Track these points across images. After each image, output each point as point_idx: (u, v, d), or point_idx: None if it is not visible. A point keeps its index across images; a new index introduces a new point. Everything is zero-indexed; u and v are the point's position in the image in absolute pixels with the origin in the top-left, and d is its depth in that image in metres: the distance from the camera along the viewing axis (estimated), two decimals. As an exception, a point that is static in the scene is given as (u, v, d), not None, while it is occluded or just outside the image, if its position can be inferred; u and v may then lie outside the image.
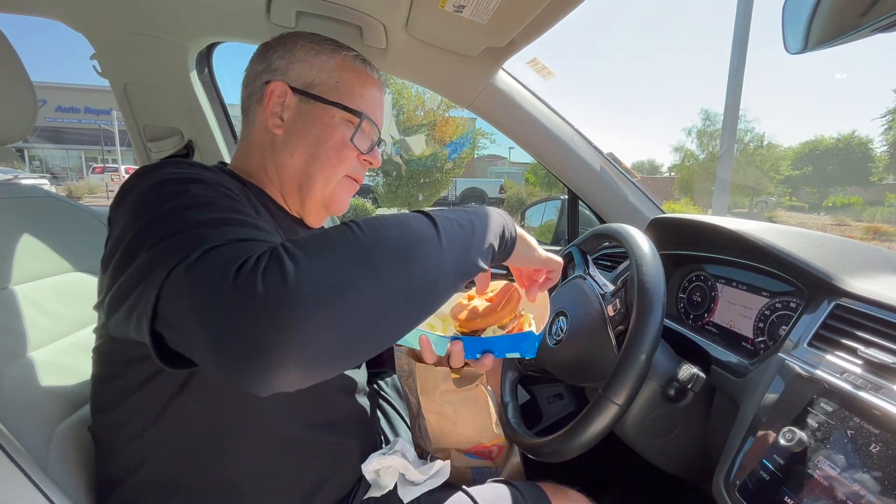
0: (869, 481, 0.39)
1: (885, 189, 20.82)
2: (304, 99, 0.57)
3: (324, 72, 0.58)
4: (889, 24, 0.38)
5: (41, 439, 0.54)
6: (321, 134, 0.57)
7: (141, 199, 0.40)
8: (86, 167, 21.69)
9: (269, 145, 0.58)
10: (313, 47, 0.58)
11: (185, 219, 0.36)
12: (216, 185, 0.42)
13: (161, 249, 0.35)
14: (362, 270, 0.32)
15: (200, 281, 0.31)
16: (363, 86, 0.60)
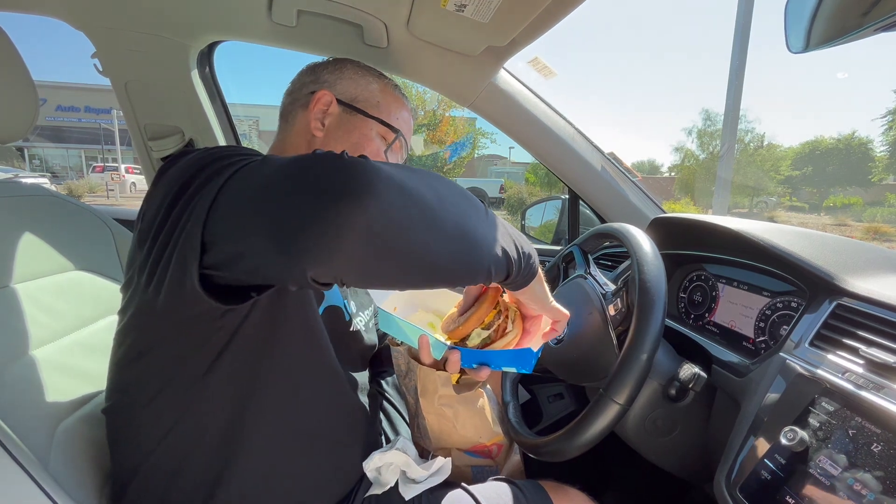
0: (870, 481, 0.39)
1: (885, 189, 20.82)
2: (348, 110, 0.62)
3: (368, 91, 0.64)
4: (891, 23, 0.38)
5: (43, 437, 0.54)
6: (359, 142, 0.62)
7: (174, 174, 0.41)
8: (86, 166, 21.67)
9: (305, 146, 0.62)
10: (360, 70, 0.66)
11: (229, 157, 0.38)
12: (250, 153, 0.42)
13: (207, 176, 0.37)
14: (432, 194, 0.36)
15: (278, 166, 0.34)
16: (400, 110, 0.67)
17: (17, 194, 0.66)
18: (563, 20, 0.74)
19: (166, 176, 0.42)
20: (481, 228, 0.39)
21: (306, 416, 0.54)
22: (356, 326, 0.65)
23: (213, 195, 0.36)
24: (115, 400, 0.53)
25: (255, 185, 0.36)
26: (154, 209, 0.41)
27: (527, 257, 0.45)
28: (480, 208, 0.41)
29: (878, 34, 0.41)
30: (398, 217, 0.33)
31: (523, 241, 0.46)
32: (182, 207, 0.38)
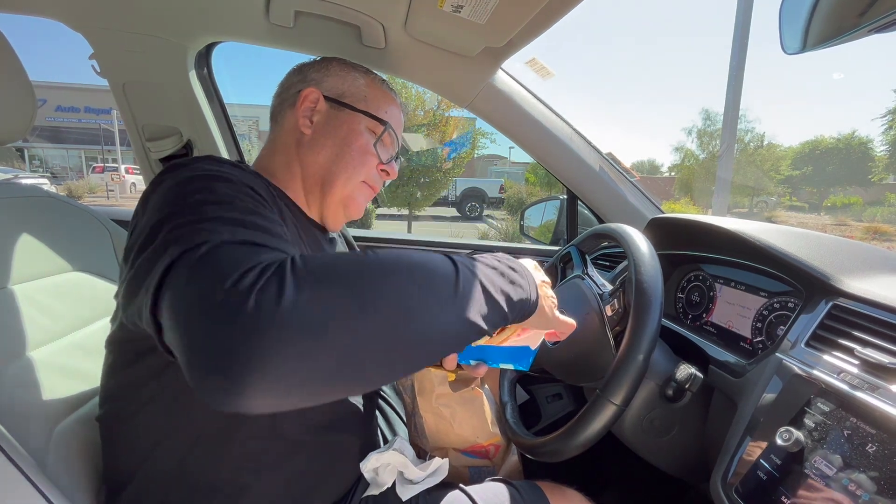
0: (865, 481, 0.40)
1: (885, 189, 20.82)
2: (335, 106, 0.62)
3: (355, 86, 0.64)
4: (887, 23, 0.38)
5: (40, 439, 0.54)
6: (347, 137, 0.61)
7: (168, 192, 0.41)
8: (86, 167, 21.68)
9: (295, 144, 0.62)
10: (347, 66, 0.66)
11: (204, 211, 0.36)
12: (243, 185, 0.43)
13: (174, 237, 0.35)
14: (359, 316, 0.31)
15: (198, 278, 0.31)
16: (388, 104, 0.66)
17: (15, 195, 0.66)
18: (561, 21, 0.74)
19: (151, 201, 0.42)
20: (438, 322, 0.34)
21: (301, 419, 0.54)
22: None
23: (160, 274, 0.33)
24: (108, 408, 0.53)
25: (193, 291, 0.31)
26: (137, 232, 0.41)
27: (521, 304, 0.43)
28: (440, 289, 0.35)
29: (874, 34, 0.41)
30: (318, 365, 0.29)
31: (519, 281, 0.43)
32: (147, 259, 0.36)
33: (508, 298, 0.41)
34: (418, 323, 0.33)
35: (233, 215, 0.37)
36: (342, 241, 0.77)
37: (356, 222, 2.67)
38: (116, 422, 0.52)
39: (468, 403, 0.74)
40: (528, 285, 0.45)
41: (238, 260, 0.31)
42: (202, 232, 0.34)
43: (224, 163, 0.47)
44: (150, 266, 0.35)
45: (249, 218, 0.38)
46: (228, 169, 0.45)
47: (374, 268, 0.34)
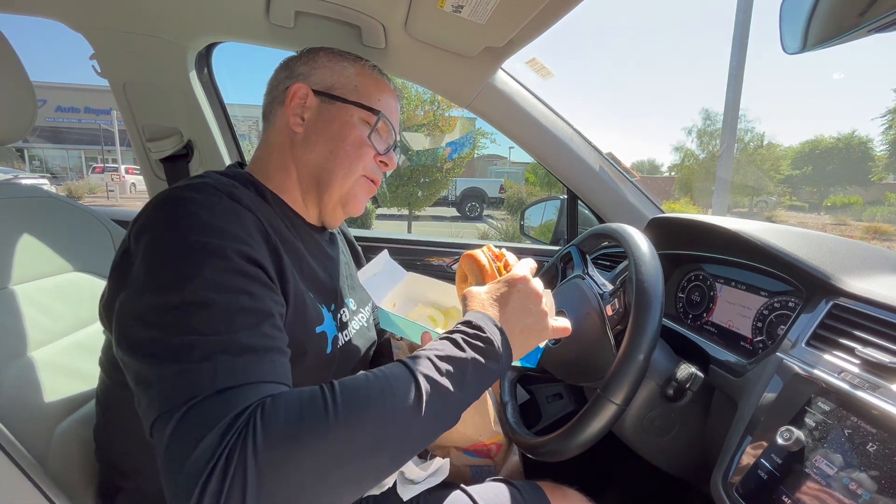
0: (866, 480, 0.40)
1: (885, 188, 20.81)
2: (325, 100, 0.60)
3: (344, 77, 0.61)
4: (887, 23, 0.38)
5: (41, 439, 0.54)
6: (341, 131, 0.59)
7: (155, 261, 0.41)
8: (86, 167, 21.68)
9: (288, 144, 0.60)
10: (335, 56, 0.63)
11: (189, 343, 0.37)
12: (233, 250, 0.42)
13: (156, 376, 0.37)
14: (330, 473, 0.34)
15: (172, 455, 0.34)
16: (381, 92, 0.63)
17: (16, 196, 0.67)
18: (562, 20, 0.74)
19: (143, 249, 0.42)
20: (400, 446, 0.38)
21: None
22: (349, 336, 0.63)
23: (149, 420, 0.37)
24: (102, 421, 0.54)
25: (169, 460, 0.35)
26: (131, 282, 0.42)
27: (493, 374, 0.45)
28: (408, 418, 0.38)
29: (874, 34, 0.41)
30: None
31: (490, 372, 0.44)
32: (137, 373, 0.39)
33: (480, 382, 0.44)
34: (388, 455, 0.37)
35: (218, 338, 0.38)
36: (342, 239, 0.75)
37: (357, 222, 2.68)
38: (108, 437, 0.53)
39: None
40: (498, 349, 0.45)
41: (206, 427, 0.33)
42: (182, 383, 0.36)
43: (210, 200, 0.44)
44: (142, 388, 0.38)
45: (235, 337, 0.38)
46: (219, 220, 0.43)
47: (341, 427, 0.35)
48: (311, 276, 0.58)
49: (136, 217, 0.45)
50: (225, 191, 0.47)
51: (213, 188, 0.46)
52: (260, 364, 0.38)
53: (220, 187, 0.47)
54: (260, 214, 0.49)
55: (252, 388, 0.36)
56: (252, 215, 0.47)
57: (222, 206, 0.45)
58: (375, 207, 9.18)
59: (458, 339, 0.44)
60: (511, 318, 0.48)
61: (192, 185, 0.46)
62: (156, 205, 0.44)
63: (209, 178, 0.49)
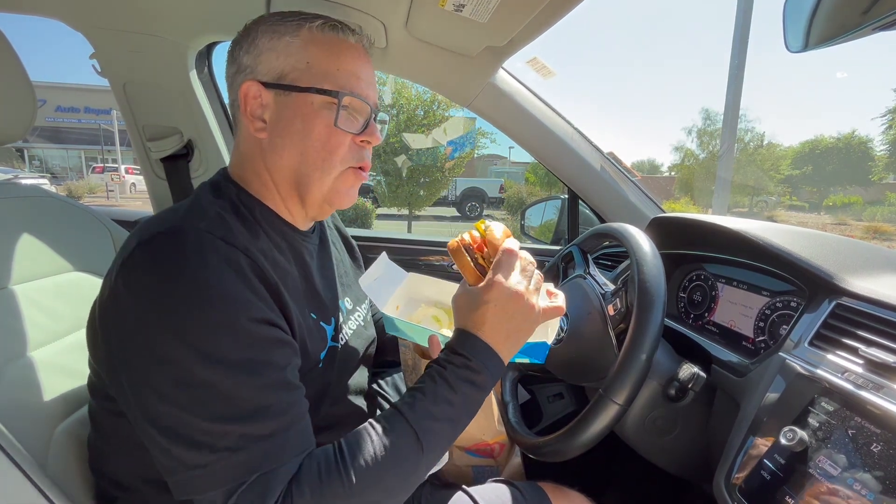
0: (870, 481, 0.39)
1: (885, 188, 20.81)
2: (280, 92, 0.51)
3: (292, 55, 0.51)
4: (890, 22, 0.38)
5: (41, 439, 0.54)
6: (305, 127, 0.51)
7: (161, 327, 0.40)
8: (86, 167, 21.69)
9: (258, 151, 0.53)
10: (275, 30, 0.52)
11: (216, 423, 0.39)
12: (242, 306, 0.42)
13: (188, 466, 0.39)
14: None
15: None
16: (338, 57, 0.52)
17: (16, 195, 0.66)
18: (563, 19, 0.74)
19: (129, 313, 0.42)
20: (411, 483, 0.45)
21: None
22: (345, 338, 0.62)
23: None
24: (95, 434, 0.54)
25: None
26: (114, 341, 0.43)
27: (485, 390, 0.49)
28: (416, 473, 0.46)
29: (877, 33, 0.41)
30: None
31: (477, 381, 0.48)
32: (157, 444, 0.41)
33: (474, 409, 0.49)
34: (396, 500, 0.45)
35: (245, 431, 0.40)
36: (334, 234, 0.73)
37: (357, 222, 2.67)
38: (98, 449, 0.54)
39: None
40: (487, 375, 0.49)
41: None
42: (215, 474, 0.39)
43: (214, 265, 0.42)
44: (165, 457, 0.41)
45: (262, 423, 0.41)
46: (223, 282, 0.41)
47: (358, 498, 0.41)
48: (312, 294, 0.56)
49: (125, 258, 0.43)
50: (219, 234, 0.44)
51: (208, 236, 0.43)
52: (286, 443, 0.41)
53: (214, 230, 0.44)
54: (255, 250, 0.46)
55: (282, 470, 0.40)
56: (248, 259, 0.45)
57: (220, 261, 0.43)
58: (375, 207, 9.17)
59: (450, 379, 0.47)
60: (495, 330, 0.50)
61: (184, 234, 0.43)
62: (149, 255, 0.42)
63: (201, 218, 0.46)
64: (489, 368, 0.48)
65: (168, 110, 1.09)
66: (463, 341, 0.49)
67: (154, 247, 0.43)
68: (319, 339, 0.55)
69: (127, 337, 0.42)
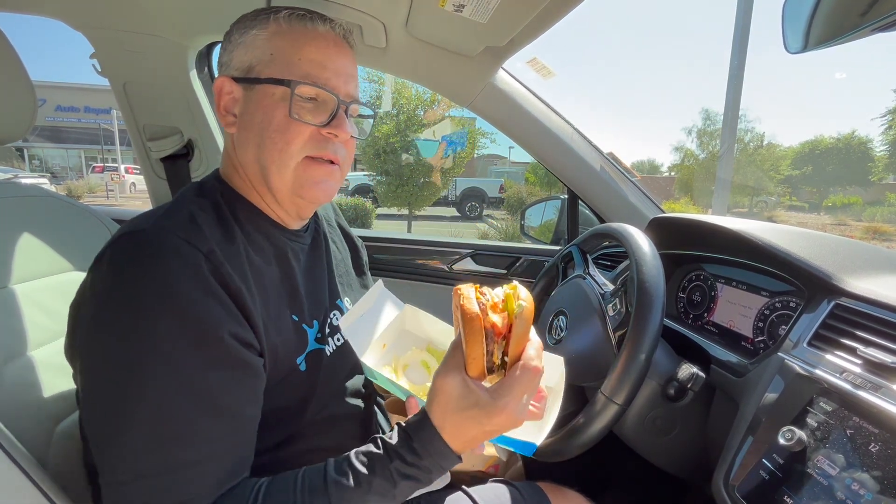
0: (868, 480, 0.40)
1: (884, 189, 20.83)
2: (247, 86, 0.51)
3: (258, 48, 0.50)
4: (889, 23, 0.38)
5: (41, 438, 0.54)
6: (264, 119, 0.50)
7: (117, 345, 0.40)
8: (85, 166, 21.68)
9: (231, 147, 0.54)
10: (246, 24, 0.52)
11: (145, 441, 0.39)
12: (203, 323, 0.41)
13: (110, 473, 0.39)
14: None
15: None
16: (302, 47, 0.50)
17: (16, 195, 0.66)
18: (563, 20, 0.74)
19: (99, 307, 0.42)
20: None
21: (303, 424, 0.54)
22: (340, 341, 0.61)
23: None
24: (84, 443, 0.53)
25: None
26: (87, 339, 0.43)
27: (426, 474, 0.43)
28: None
29: (876, 34, 0.41)
30: None
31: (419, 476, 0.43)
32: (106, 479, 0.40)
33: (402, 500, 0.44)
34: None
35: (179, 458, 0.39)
36: (340, 236, 0.72)
37: (357, 222, 2.66)
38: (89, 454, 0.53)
39: None
40: (437, 470, 0.44)
41: None
42: (133, 490, 0.38)
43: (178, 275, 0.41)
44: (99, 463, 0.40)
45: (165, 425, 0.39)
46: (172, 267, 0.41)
47: None
48: (293, 295, 0.55)
49: (97, 256, 0.44)
50: (182, 234, 0.43)
51: (171, 237, 0.43)
52: (213, 473, 0.41)
53: (178, 230, 0.44)
54: (220, 252, 0.45)
55: (203, 500, 0.39)
56: (209, 262, 0.43)
57: (179, 264, 0.42)
58: (375, 207, 9.17)
59: (394, 474, 0.42)
60: (468, 441, 0.43)
61: (145, 235, 0.43)
62: (112, 254, 0.43)
63: (170, 217, 0.46)
64: (440, 468, 0.43)
65: (168, 110, 1.09)
66: (428, 440, 0.43)
67: (117, 247, 0.43)
68: (298, 341, 0.53)
69: (84, 333, 0.42)
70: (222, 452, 0.41)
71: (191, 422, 0.40)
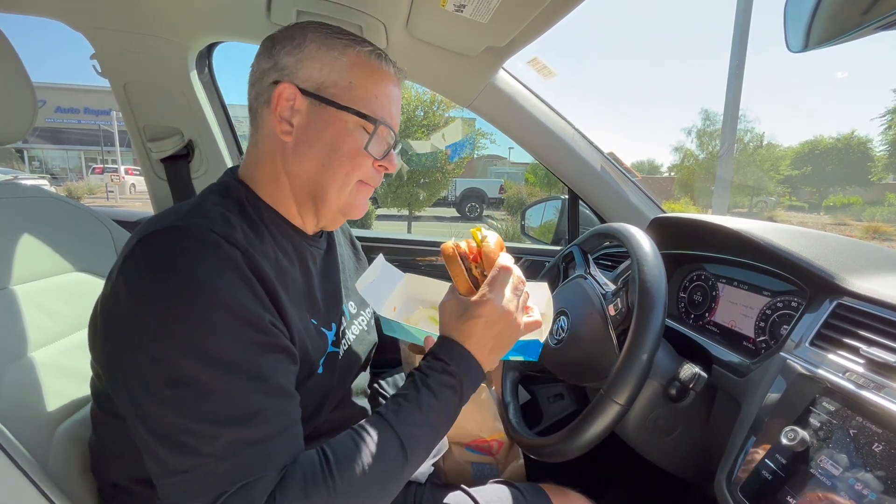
0: (871, 481, 0.39)
1: (884, 188, 20.84)
2: (316, 102, 0.52)
3: (336, 71, 0.52)
4: (890, 22, 0.38)
5: (42, 440, 0.54)
6: (334, 141, 0.52)
7: (159, 328, 0.40)
8: (85, 168, 21.69)
9: (279, 153, 0.53)
10: (324, 42, 0.53)
11: (207, 425, 0.39)
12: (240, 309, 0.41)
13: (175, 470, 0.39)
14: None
15: None
16: (378, 85, 0.54)
17: (17, 196, 0.66)
18: (563, 20, 0.74)
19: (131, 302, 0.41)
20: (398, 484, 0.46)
21: (313, 432, 0.54)
22: (348, 344, 0.62)
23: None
24: (96, 437, 0.54)
25: None
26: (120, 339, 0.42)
27: (467, 394, 0.51)
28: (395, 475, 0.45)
29: (877, 33, 0.41)
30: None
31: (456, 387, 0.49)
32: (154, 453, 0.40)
33: (455, 415, 0.50)
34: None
35: (236, 435, 0.39)
36: (343, 237, 0.74)
37: (357, 222, 2.65)
38: (103, 448, 0.53)
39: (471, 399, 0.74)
40: (466, 387, 0.50)
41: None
42: (202, 479, 0.38)
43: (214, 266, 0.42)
44: (153, 461, 0.40)
45: (254, 427, 0.40)
46: (222, 285, 0.41)
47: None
48: (312, 300, 0.56)
49: (125, 255, 0.43)
50: (220, 232, 0.44)
51: (209, 234, 0.43)
52: (274, 451, 0.41)
53: (215, 228, 0.44)
54: (256, 251, 0.46)
55: (267, 479, 0.39)
56: (247, 259, 0.45)
57: (218, 259, 0.42)
58: (375, 208, 9.17)
59: (433, 385, 0.48)
60: (480, 344, 0.51)
61: (183, 231, 0.43)
62: (147, 252, 0.42)
63: (203, 216, 0.46)
64: (470, 376, 0.50)
65: (168, 111, 1.09)
66: (448, 349, 0.50)
67: (153, 244, 0.43)
68: (320, 344, 0.54)
69: (124, 334, 0.41)
70: (283, 429, 0.42)
71: (253, 402, 0.40)
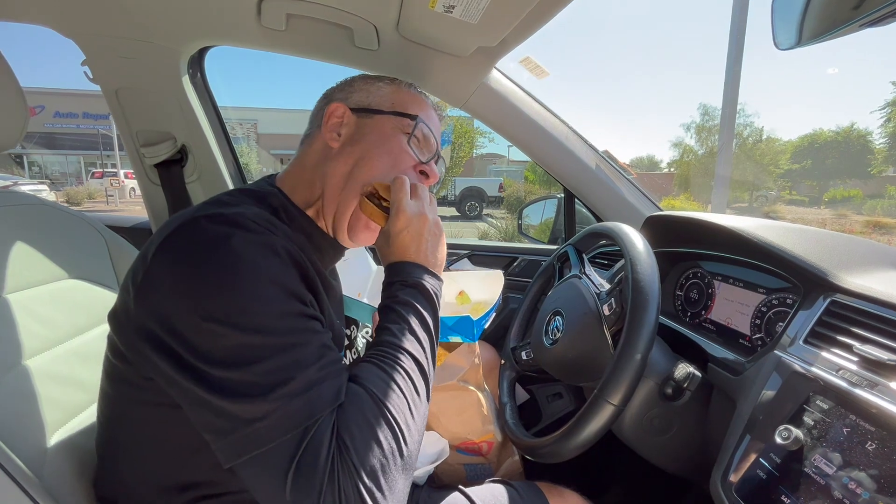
0: (865, 479, 0.39)
1: (884, 181, 20.79)
2: (362, 115, 0.60)
3: (379, 95, 0.62)
4: (881, 17, 0.38)
5: (36, 449, 0.53)
6: (378, 141, 0.58)
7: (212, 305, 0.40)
8: (85, 172, 21.70)
9: (322, 158, 0.59)
10: (370, 78, 0.64)
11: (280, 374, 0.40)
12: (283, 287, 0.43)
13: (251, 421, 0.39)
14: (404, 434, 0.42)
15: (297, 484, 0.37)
16: (418, 106, 0.62)
17: (10, 204, 0.66)
18: (557, 18, 0.74)
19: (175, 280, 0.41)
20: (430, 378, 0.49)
21: None
22: (357, 354, 0.66)
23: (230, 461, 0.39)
24: (103, 431, 0.53)
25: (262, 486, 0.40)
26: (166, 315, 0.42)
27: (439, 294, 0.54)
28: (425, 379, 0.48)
29: (868, 28, 0.41)
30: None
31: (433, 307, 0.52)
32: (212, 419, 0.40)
33: (434, 327, 0.52)
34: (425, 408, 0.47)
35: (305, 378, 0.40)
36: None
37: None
38: (112, 447, 0.52)
39: (455, 400, 0.74)
40: (423, 282, 0.53)
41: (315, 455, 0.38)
42: (281, 421, 0.38)
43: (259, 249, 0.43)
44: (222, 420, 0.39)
45: (319, 372, 0.41)
46: (258, 245, 0.43)
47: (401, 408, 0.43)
48: (338, 302, 0.60)
49: (164, 237, 0.43)
50: (263, 224, 0.46)
51: (252, 223, 0.45)
52: (332, 389, 0.42)
53: (258, 220, 0.46)
54: (295, 249, 0.47)
55: (329, 415, 0.40)
56: (288, 251, 0.46)
57: (263, 244, 0.44)
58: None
59: (404, 301, 0.50)
60: (418, 251, 0.53)
61: (228, 218, 0.44)
62: (192, 232, 0.43)
63: (241, 208, 0.47)
64: (428, 281, 0.52)
65: (161, 116, 1.08)
66: (397, 271, 0.52)
67: (198, 226, 0.43)
68: (342, 344, 0.58)
69: (171, 307, 0.41)
70: (336, 373, 0.43)
71: (308, 348, 0.42)
